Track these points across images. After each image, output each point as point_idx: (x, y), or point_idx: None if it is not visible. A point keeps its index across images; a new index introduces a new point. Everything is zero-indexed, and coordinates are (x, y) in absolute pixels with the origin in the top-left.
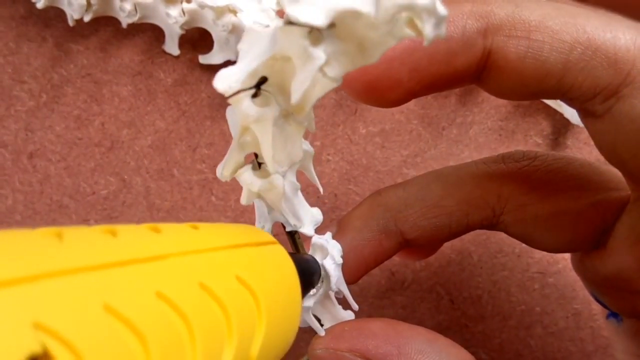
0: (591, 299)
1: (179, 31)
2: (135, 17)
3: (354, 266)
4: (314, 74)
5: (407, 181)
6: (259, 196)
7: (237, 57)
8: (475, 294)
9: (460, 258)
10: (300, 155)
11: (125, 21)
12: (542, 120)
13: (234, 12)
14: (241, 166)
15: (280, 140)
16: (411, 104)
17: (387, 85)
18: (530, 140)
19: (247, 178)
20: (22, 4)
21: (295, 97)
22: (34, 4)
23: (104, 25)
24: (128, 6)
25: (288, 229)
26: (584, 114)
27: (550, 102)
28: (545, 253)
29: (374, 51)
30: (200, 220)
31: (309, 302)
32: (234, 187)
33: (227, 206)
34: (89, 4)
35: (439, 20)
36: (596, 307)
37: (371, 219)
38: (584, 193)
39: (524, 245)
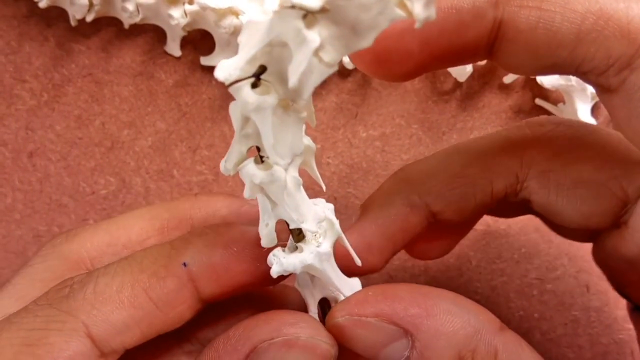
0: (589, 305)
1: (180, 32)
2: (138, 17)
3: (382, 246)
4: (309, 57)
5: (428, 156)
6: (261, 190)
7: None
8: (473, 299)
9: (459, 263)
10: (302, 148)
11: (127, 22)
12: None
13: (235, 14)
14: (244, 159)
15: (281, 130)
16: (411, 108)
17: (398, 58)
18: None
19: (249, 170)
20: (25, 3)
21: (292, 81)
22: (36, 3)
23: (106, 25)
24: (130, 7)
25: (292, 226)
26: (600, 89)
27: (551, 108)
28: (544, 259)
29: (368, 34)
30: None
31: (327, 246)
32: (234, 188)
33: None
34: (91, 4)
35: (428, 1)
36: (595, 314)
37: (395, 195)
38: (608, 164)
39: (523, 250)
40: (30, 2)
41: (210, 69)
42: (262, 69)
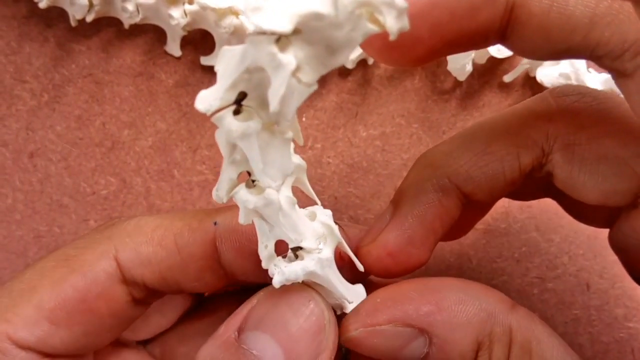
0: (590, 304)
1: (181, 32)
2: (138, 17)
3: (424, 236)
4: (287, 80)
5: (451, 137)
6: (257, 214)
7: None
8: None
9: (459, 262)
10: (292, 168)
11: (127, 22)
12: None
13: (236, 13)
14: (235, 185)
15: (269, 153)
16: (412, 107)
17: (408, 44)
18: None
19: (242, 196)
20: (25, 4)
21: (273, 105)
22: (36, 3)
23: (106, 25)
24: (130, 7)
25: (291, 245)
26: (616, 75)
27: None
28: (544, 258)
29: (343, 50)
30: None
31: (328, 252)
32: None
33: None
34: (91, 4)
35: (400, 12)
36: (595, 313)
37: (424, 182)
38: (632, 141)
39: (523, 249)
40: (30, 3)
41: (211, 68)
42: (243, 95)
